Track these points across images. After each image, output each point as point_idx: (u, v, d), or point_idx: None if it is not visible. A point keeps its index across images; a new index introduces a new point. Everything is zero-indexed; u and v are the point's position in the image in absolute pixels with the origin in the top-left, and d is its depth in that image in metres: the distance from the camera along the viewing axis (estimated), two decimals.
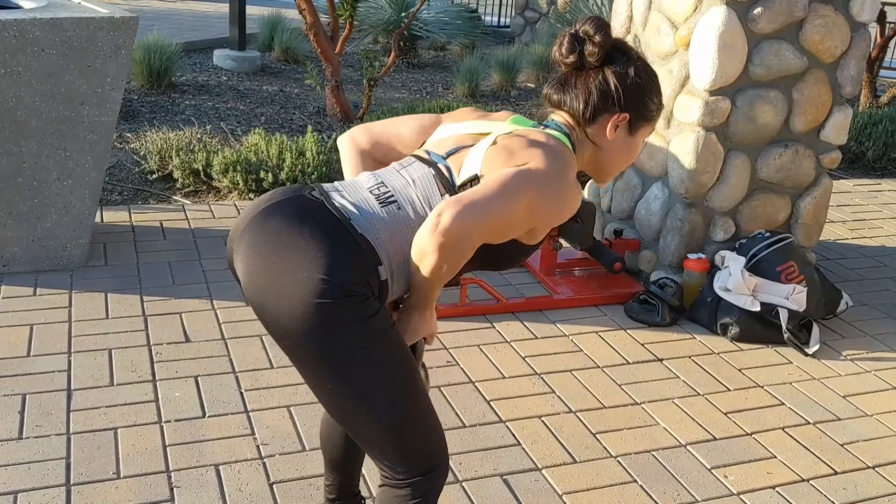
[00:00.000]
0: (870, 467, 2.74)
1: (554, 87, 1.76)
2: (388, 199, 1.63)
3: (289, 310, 1.51)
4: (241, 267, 1.62)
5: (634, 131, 1.76)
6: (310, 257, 1.52)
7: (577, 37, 1.70)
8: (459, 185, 1.64)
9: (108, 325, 3.16)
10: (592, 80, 1.70)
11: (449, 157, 1.69)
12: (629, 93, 1.70)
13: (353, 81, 7.14)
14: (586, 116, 1.72)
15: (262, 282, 1.55)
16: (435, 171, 1.67)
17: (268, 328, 1.58)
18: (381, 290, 1.59)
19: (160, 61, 6.31)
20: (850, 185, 5.83)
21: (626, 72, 1.70)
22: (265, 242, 1.57)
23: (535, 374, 3.10)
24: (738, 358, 3.36)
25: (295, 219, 1.57)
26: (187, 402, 2.74)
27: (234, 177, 4.43)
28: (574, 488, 2.51)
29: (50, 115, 3.33)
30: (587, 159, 1.78)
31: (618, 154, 1.77)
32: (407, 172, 1.69)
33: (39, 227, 3.48)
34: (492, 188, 1.54)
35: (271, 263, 1.54)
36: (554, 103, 1.76)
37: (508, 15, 11.02)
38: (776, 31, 3.50)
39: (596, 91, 1.70)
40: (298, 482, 2.41)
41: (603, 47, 1.68)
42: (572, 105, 1.72)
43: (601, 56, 1.69)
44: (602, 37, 1.67)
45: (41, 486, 2.31)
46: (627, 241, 3.90)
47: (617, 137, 1.74)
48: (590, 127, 1.73)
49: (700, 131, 3.53)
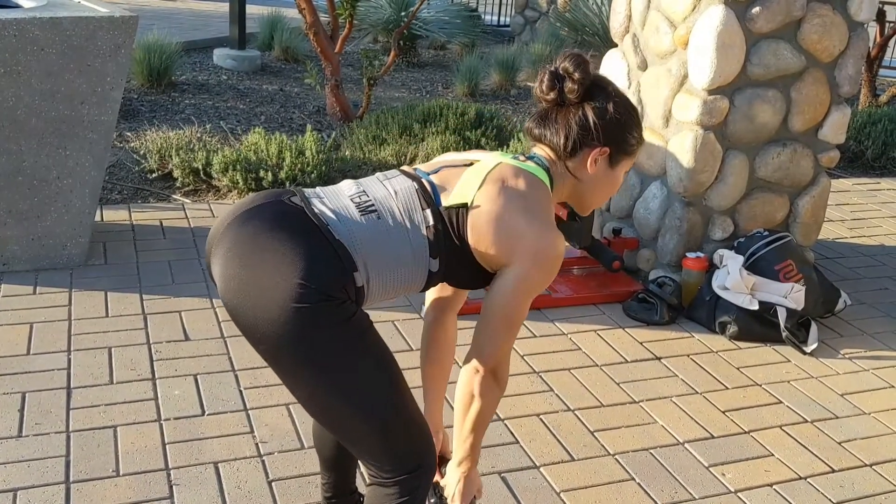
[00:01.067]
0: (867, 465, 2.75)
1: (535, 121, 1.79)
2: (368, 207, 1.65)
3: (266, 314, 1.52)
4: (217, 270, 1.62)
5: (615, 164, 1.78)
6: (287, 262, 1.53)
7: (556, 74, 1.72)
8: (447, 206, 1.65)
9: (107, 323, 3.16)
10: (573, 116, 1.72)
11: (433, 174, 1.72)
12: (609, 128, 1.72)
13: (353, 80, 7.15)
14: (567, 150, 1.74)
15: (239, 286, 1.56)
16: (418, 185, 1.69)
17: (244, 332, 1.59)
18: (357, 296, 1.61)
19: (160, 60, 6.32)
20: (849, 184, 5.83)
21: (605, 107, 1.71)
22: (243, 246, 1.57)
23: (533, 372, 3.11)
24: (736, 356, 3.37)
25: (272, 223, 1.58)
26: (187, 401, 2.75)
27: (233, 176, 4.44)
28: (572, 486, 2.51)
29: (50, 115, 3.34)
30: (568, 191, 1.80)
31: (598, 187, 1.79)
32: (390, 184, 1.71)
33: (39, 226, 3.48)
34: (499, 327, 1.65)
35: (248, 268, 1.55)
36: (535, 137, 1.79)
37: (508, 14, 11.02)
38: (774, 31, 3.51)
39: (576, 126, 1.72)
40: (297, 480, 2.42)
41: (582, 84, 1.70)
42: (552, 140, 1.75)
43: (581, 93, 1.71)
44: (581, 74, 1.69)
45: (41, 484, 2.32)
46: (626, 240, 3.90)
47: (598, 171, 1.76)
48: (570, 161, 1.75)
49: (698, 130, 3.54)
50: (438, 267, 1.67)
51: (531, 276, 1.63)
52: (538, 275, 1.63)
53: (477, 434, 1.74)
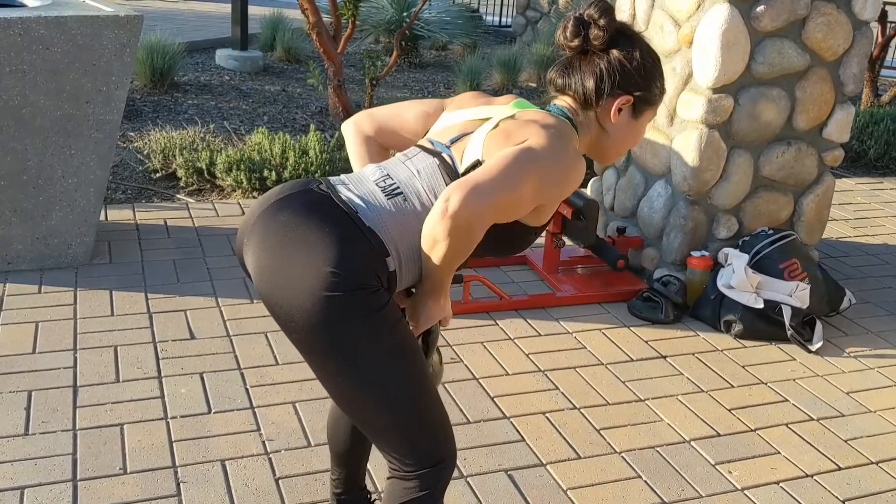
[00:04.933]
0: (873, 463, 2.75)
1: (558, 70, 1.76)
2: (394, 190, 1.64)
3: (299, 303, 1.52)
4: (251, 261, 1.63)
5: (638, 115, 1.76)
6: (319, 251, 1.53)
7: (581, 20, 1.70)
8: (462, 171, 1.64)
9: (113, 322, 3.17)
10: (597, 64, 1.70)
11: (452, 144, 1.70)
12: (634, 76, 1.70)
13: (356, 81, 7.15)
14: (590, 99, 1.72)
15: (272, 276, 1.56)
16: (439, 161, 1.68)
17: (278, 321, 1.59)
18: (389, 282, 1.60)
19: (163, 61, 6.32)
20: (853, 183, 5.83)
21: (630, 55, 1.70)
22: (275, 237, 1.58)
23: (538, 370, 3.11)
24: (741, 355, 3.37)
25: (304, 213, 1.58)
26: (193, 399, 2.75)
27: (237, 175, 4.44)
28: (578, 484, 2.51)
29: (55, 114, 3.34)
30: (590, 143, 1.78)
31: (621, 137, 1.77)
32: (412, 163, 1.70)
33: (44, 225, 3.48)
34: (496, 168, 1.55)
35: (281, 258, 1.55)
36: (558, 87, 1.77)
37: (510, 14, 11.02)
38: (779, 29, 3.51)
39: (600, 74, 1.70)
40: (304, 477, 2.42)
41: (608, 31, 1.68)
42: (576, 88, 1.73)
43: (606, 39, 1.69)
44: (607, 20, 1.67)
45: (48, 482, 2.32)
46: (630, 239, 3.90)
47: (620, 120, 1.75)
48: (593, 110, 1.74)
49: (703, 129, 3.54)
50: None
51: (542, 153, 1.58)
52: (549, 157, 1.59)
53: (443, 271, 1.60)
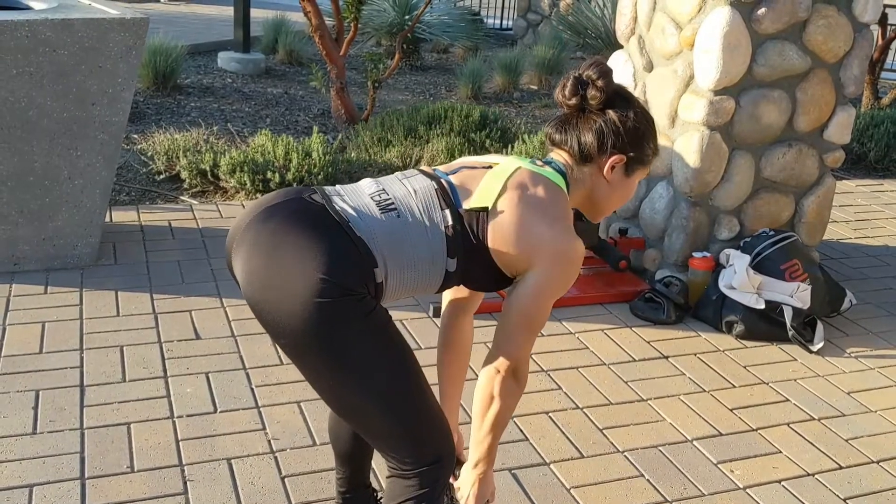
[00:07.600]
0: (874, 462, 2.77)
1: (555, 126, 1.81)
2: (388, 206, 1.67)
3: (289, 308, 1.54)
4: (240, 266, 1.65)
5: (630, 173, 1.81)
6: (309, 257, 1.55)
7: (580, 80, 1.75)
8: (468, 209, 1.68)
9: (119, 322, 3.19)
10: (594, 122, 1.75)
11: (452, 174, 1.74)
12: (628, 136, 1.75)
13: (358, 83, 7.18)
14: (585, 157, 1.77)
15: (261, 281, 1.58)
16: (437, 185, 1.71)
17: (267, 328, 1.61)
18: (376, 292, 1.64)
19: (166, 63, 6.35)
20: (853, 185, 5.86)
21: (626, 116, 1.75)
22: (265, 243, 1.60)
23: (541, 370, 3.13)
24: (743, 355, 3.39)
25: (294, 219, 1.61)
26: (199, 398, 2.77)
27: (241, 177, 4.46)
28: (582, 482, 2.53)
29: (61, 115, 3.36)
30: (582, 198, 1.83)
31: (613, 194, 1.82)
32: (409, 182, 1.73)
33: (50, 226, 3.51)
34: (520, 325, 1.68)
35: (271, 263, 1.57)
36: (555, 142, 1.82)
37: (511, 17, 11.06)
38: (780, 32, 3.53)
39: (596, 133, 1.75)
40: (310, 476, 2.44)
41: (605, 92, 1.73)
42: (572, 145, 1.78)
43: (603, 100, 1.74)
44: (605, 82, 1.73)
45: (56, 480, 2.34)
46: (632, 240, 3.93)
47: (613, 178, 1.79)
48: (587, 167, 1.78)
49: (704, 130, 3.56)
50: (456, 267, 1.70)
51: (552, 278, 1.66)
52: (559, 277, 1.66)
53: (495, 435, 1.76)
